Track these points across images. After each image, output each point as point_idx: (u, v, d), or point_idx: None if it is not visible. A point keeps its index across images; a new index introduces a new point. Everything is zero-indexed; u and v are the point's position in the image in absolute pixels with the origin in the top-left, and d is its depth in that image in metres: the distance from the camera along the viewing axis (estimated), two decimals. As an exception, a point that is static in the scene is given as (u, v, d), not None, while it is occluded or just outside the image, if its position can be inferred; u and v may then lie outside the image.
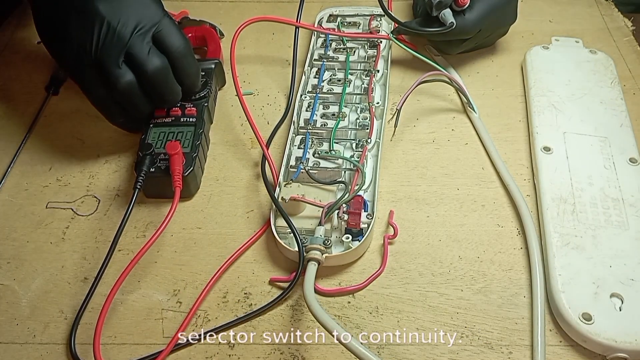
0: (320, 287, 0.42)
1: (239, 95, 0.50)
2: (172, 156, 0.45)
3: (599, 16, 0.65)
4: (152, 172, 0.46)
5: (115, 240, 0.43)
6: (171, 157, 0.45)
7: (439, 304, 0.41)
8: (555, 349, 0.39)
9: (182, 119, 0.50)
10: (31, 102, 0.57)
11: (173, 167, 0.45)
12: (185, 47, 0.48)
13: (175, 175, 0.45)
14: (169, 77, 0.48)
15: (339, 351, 0.39)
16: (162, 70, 0.47)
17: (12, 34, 0.65)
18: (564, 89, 0.54)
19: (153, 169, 0.46)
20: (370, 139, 0.49)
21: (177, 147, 0.45)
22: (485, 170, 0.50)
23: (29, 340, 0.40)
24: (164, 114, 0.50)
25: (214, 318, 0.41)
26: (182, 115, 0.50)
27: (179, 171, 0.45)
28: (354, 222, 0.43)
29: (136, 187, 0.45)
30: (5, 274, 0.44)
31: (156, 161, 0.47)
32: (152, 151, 0.47)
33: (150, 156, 0.47)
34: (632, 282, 0.40)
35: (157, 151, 0.47)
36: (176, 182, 0.45)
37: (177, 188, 0.45)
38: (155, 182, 0.47)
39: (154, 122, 0.50)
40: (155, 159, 0.47)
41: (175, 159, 0.45)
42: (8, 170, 0.51)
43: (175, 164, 0.45)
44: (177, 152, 0.45)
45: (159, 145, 0.48)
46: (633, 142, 0.49)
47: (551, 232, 0.43)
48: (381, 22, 0.61)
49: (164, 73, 0.47)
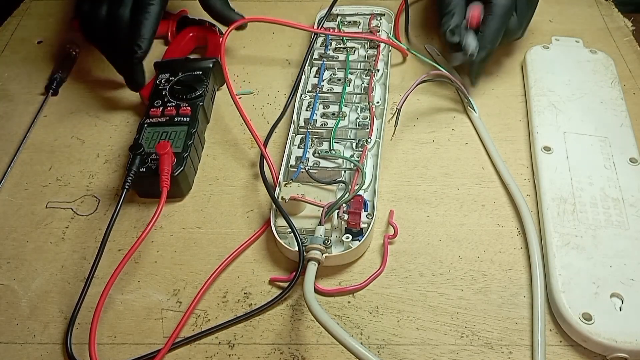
0: (320, 287, 0.42)
1: (231, 93, 0.50)
2: (162, 156, 0.45)
3: (599, 16, 0.65)
4: (141, 172, 0.46)
5: (104, 239, 0.43)
6: (160, 156, 0.45)
7: (439, 304, 0.41)
8: (555, 349, 0.39)
9: (176, 119, 0.50)
10: (31, 102, 0.57)
11: (162, 167, 0.45)
12: None
13: (163, 175, 0.45)
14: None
15: (339, 351, 0.39)
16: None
17: (12, 34, 0.65)
18: (564, 89, 0.54)
19: (143, 168, 0.46)
20: (370, 138, 0.49)
21: (166, 147, 0.45)
22: (485, 170, 0.50)
23: (29, 340, 0.40)
24: (159, 114, 0.50)
25: (213, 318, 0.41)
26: (177, 114, 0.50)
27: (167, 171, 0.45)
28: (354, 221, 0.43)
29: (124, 187, 0.45)
30: (5, 274, 0.44)
31: (147, 161, 0.47)
32: (142, 151, 0.46)
33: (141, 156, 0.46)
34: (632, 282, 0.40)
35: (149, 151, 0.47)
36: (163, 182, 0.45)
37: (165, 188, 0.45)
38: (146, 182, 0.46)
39: (148, 121, 0.50)
40: (146, 158, 0.47)
41: (165, 159, 0.45)
42: (8, 170, 0.51)
43: (164, 164, 0.45)
44: (166, 151, 0.45)
45: (151, 145, 0.48)
46: (633, 142, 0.49)
47: (551, 232, 0.43)
48: (381, 21, 0.61)
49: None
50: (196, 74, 0.54)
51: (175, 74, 0.54)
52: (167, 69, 0.55)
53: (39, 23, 0.66)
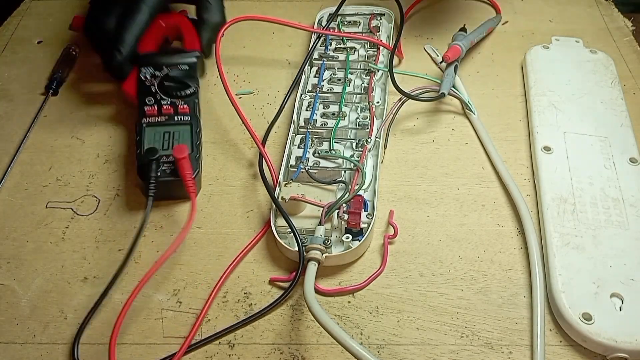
0: (320, 287, 0.42)
1: (228, 93, 0.50)
2: (180, 160, 0.45)
3: (599, 16, 0.65)
4: (160, 177, 0.45)
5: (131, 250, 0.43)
6: (179, 161, 0.45)
7: (439, 304, 0.41)
8: (555, 348, 0.39)
9: (175, 118, 0.49)
10: (31, 102, 0.57)
11: (183, 173, 0.45)
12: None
13: (188, 181, 0.44)
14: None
15: (339, 351, 0.38)
16: None
17: (12, 34, 0.65)
18: (564, 89, 0.54)
19: (159, 172, 0.46)
20: (370, 138, 0.49)
21: (184, 151, 0.44)
22: (485, 170, 0.50)
23: (29, 340, 0.40)
24: (156, 113, 0.49)
25: (213, 318, 0.41)
26: (175, 113, 0.50)
27: (190, 175, 0.45)
28: (354, 221, 0.43)
29: (150, 195, 0.44)
30: (5, 274, 0.44)
31: (161, 165, 0.46)
32: (158, 156, 0.46)
33: (157, 161, 0.46)
34: (632, 282, 0.40)
35: (160, 153, 0.47)
36: (190, 188, 0.44)
37: (192, 194, 0.44)
38: (165, 187, 0.46)
39: (146, 121, 0.49)
40: (159, 162, 0.46)
41: (184, 164, 0.45)
42: (8, 170, 0.51)
43: (185, 169, 0.45)
44: (184, 156, 0.45)
45: (157, 146, 0.47)
46: (633, 142, 0.49)
47: (551, 231, 0.43)
48: (381, 21, 0.61)
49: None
50: (183, 69, 0.53)
51: (159, 68, 0.53)
52: (148, 62, 0.53)
53: (39, 23, 0.66)
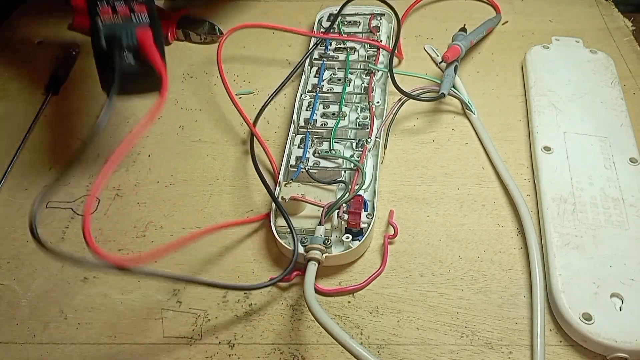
0: (320, 287, 0.42)
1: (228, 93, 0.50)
2: (146, 44, 0.42)
3: (599, 16, 0.65)
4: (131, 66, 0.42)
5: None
6: (145, 45, 0.42)
7: (439, 304, 0.41)
8: (555, 348, 0.39)
9: (133, 19, 0.45)
10: (31, 102, 0.57)
11: (153, 56, 0.42)
12: None
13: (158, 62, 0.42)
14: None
15: (339, 351, 0.38)
16: None
17: (12, 34, 0.65)
18: (564, 89, 0.54)
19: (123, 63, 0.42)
20: (370, 138, 0.49)
21: (149, 34, 0.42)
22: (485, 170, 0.50)
23: (29, 340, 0.40)
24: (110, 14, 0.45)
25: (213, 318, 0.41)
26: (132, 13, 0.45)
27: (159, 59, 0.42)
28: (354, 221, 0.43)
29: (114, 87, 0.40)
30: (5, 274, 0.44)
31: (123, 53, 0.43)
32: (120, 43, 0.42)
33: (119, 47, 0.42)
34: (632, 282, 0.40)
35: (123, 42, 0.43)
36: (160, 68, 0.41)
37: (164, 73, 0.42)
38: (128, 79, 0.42)
39: (102, 23, 0.44)
40: (122, 48, 0.43)
41: (151, 47, 0.42)
42: (8, 170, 0.51)
43: (154, 53, 0.42)
44: (150, 40, 0.42)
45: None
46: (633, 142, 0.49)
47: (551, 231, 0.43)
48: (381, 21, 0.61)
49: None
50: None
51: None
52: None
53: (39, 23, 0.66)
